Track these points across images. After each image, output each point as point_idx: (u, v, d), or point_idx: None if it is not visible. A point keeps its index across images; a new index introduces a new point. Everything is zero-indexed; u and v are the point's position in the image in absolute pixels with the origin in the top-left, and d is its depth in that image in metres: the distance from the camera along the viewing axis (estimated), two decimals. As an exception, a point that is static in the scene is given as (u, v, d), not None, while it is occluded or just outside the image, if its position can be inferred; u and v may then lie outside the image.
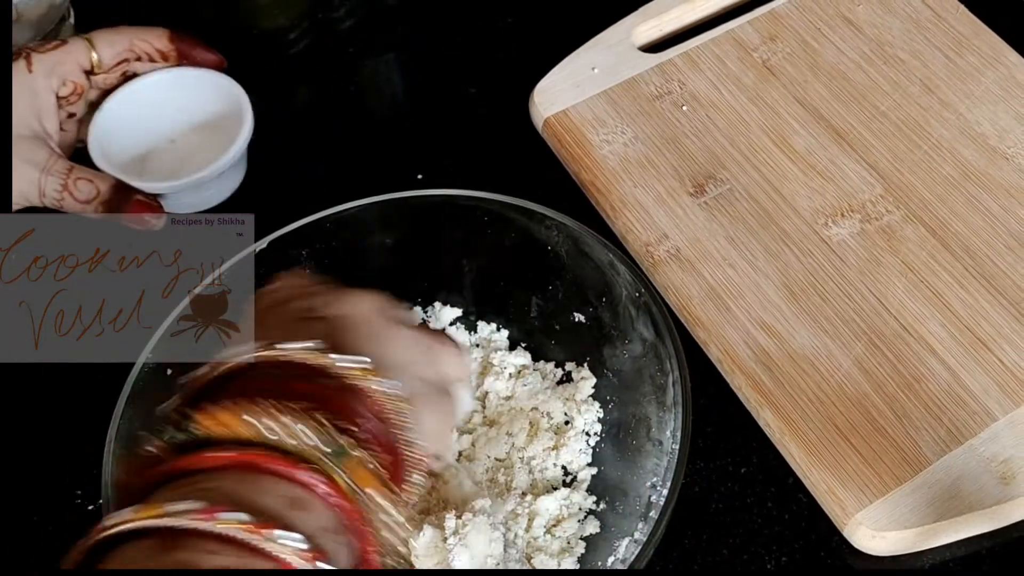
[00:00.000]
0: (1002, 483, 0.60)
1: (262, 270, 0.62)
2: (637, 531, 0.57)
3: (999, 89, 0.77)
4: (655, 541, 0.54)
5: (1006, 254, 0.69)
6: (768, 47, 0.81)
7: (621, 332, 0.63)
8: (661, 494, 0.56)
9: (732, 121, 0.77)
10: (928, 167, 0.73)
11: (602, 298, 0.64)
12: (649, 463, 0.59)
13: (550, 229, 0.64)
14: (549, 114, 0.78)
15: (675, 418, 0.58)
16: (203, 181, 0.72)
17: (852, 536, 0.60)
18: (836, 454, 0.62)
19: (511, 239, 0.66)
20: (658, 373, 0.60)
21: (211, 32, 0.87)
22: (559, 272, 0.65)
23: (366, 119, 0.85)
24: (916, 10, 0.82)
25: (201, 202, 0.75)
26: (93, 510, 0.64)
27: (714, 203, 0.73)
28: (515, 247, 0.66)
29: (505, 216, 0.65)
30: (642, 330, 0.61)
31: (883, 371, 0.64)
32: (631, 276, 0.61)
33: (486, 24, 0.89)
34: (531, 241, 0.65)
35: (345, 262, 0.65)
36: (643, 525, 0.57)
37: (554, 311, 0.67)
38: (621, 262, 0.62)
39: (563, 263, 0.65)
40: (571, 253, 0.64)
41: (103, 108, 0.75)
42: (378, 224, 0.66)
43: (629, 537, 0.57)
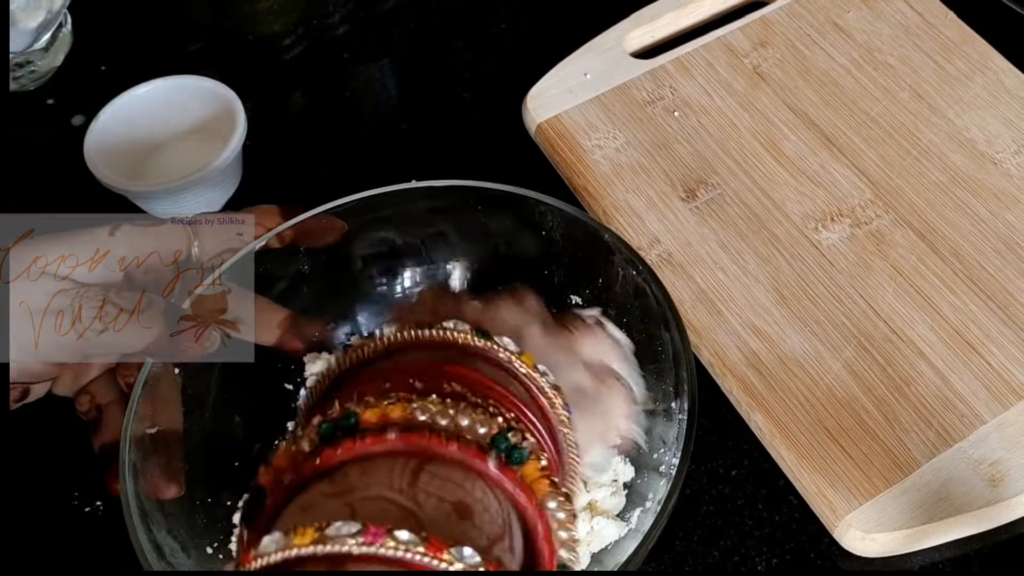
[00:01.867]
0: (991, 485, 0.60)
1: (262, 269, 0.63)
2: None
3: (988, 95, 0.78)
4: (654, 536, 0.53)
5: (994, 258, 0.69)
6: (759, 53, 0.81)
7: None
8: (672, 463, 0.55)
9: (723, 126, 0.77)
10: (917, 172, 0.74)
11: (598, 280, 0.63)
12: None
13: (544, 216, 0.63)
14: (542, 119, 0.78)
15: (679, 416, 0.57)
16: (199, 183, 0.73)
17: (842, 538, 0.60)
18: (826, 457, 0.62)
19: (505, 226, 0.66)
20: (659, 350, 0.59)
21: (208, 38, 0.87)
22: (558, 258, 0.65)
23: (361, 124, 0.85)
24: (906, 16, 0.83)
25: (198, 207, 0.75)
26: (90, 512, 0.65)
27: (705, 208, 0.73)
28: (510, 234, 0.66)
29: (499, 204, 0.64)
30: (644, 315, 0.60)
31: (873, 374, 0.65)
32: (630, 255, 0.60)
33: (480, 30, 0.90)
34: (526, 228, 0.65)
35: (339, 258, 0.65)
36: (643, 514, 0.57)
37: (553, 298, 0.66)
38: (621, 243, 0.61)
39: (560, 248, 0.64)
40: (567, 237, 0.63)
41: (100, 117, 0.76)
42: (376, 217, 0.65)
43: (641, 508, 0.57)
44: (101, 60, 0.89)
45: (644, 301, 0.60)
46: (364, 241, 0.66)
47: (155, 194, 0.73)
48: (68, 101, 0.86)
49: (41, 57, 0.85)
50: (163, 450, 0.57)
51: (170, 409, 0.59)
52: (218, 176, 0.74)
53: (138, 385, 0.57)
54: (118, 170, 0.74)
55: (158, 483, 0.56)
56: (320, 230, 0.63)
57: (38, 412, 0.63)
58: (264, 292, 0.63)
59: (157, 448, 0.57)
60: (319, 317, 0.65)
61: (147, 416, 0.57)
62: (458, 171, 0.79)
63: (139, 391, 0.57)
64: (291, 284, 0.65)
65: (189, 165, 0.74)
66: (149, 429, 0.57)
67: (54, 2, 0.82)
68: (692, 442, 0.54)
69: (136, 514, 0.53)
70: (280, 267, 0.64)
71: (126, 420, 0.56)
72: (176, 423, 0.59)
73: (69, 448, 0.67)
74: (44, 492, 0.66)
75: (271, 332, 0.63)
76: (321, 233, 0.63)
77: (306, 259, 0.65)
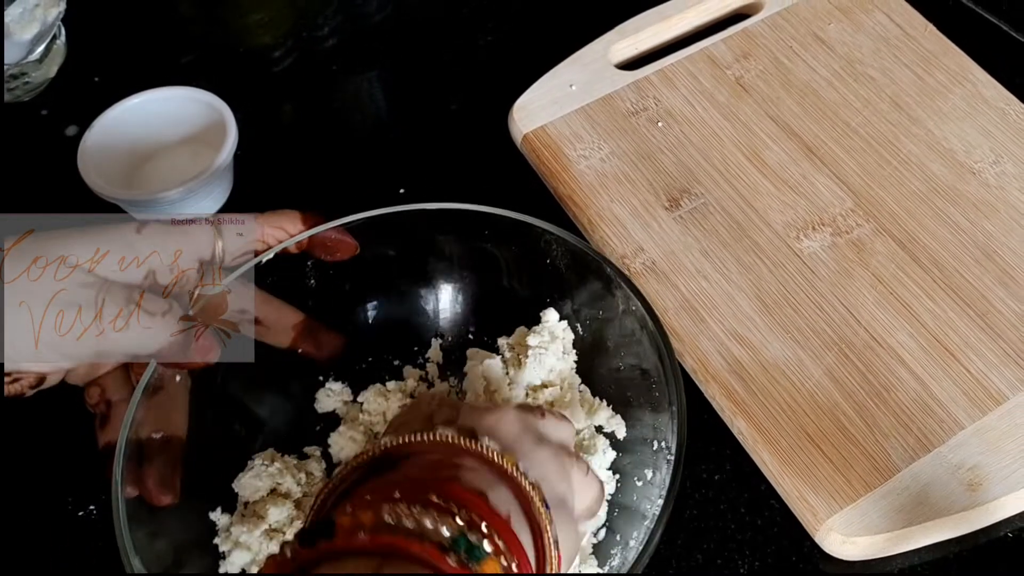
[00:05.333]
0: (969, 490, 0.61)
1: (267, 278, 0.64)
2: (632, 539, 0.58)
3: (966, 106, 0.78)
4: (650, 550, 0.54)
5: (973, 266, 0.70)
6: (741, 65, 0.82)
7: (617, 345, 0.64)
8: (656, 504, 0.57)
9: (706, 137, 0.78)
10: (897, 182, 0.75)
11: (599, 312, 0.65)
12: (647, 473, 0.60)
13: (549, 244, 0.65)
14: (528, 130, 0.79)
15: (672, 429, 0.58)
16: (190, 193, 0.73)
17: (823, 541, 0.61)
18: (808, 461, 0.62)
19: (511, 253, 0.67)
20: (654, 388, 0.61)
21: (199, 50, 0.88)
22: (559, 286, 0.67)
23: (350, 135, 0.86)
24: (886, 29, 0.84)
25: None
26: (83, 516, 0.65)
27: (689, 217, 0.74)
28: (515, 262, 0.67)
29: (506, 230, 0.66)
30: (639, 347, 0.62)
31: (853, 380, 0.65)
32: (630, 291, 0.62)
33: (467, 42, 0.91)
34: (531, 255, 0.66)
35: (347, 270, 0.66)
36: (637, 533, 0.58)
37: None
38: (622, 280, 0.62)
39: (562, 277, 0.66)
40: (570, 267, 0.65)
41: (93, 127, 0.77)
42: (381, 236, 0.66)
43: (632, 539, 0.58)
44: (94, 72, 0.89)
45: (640, 338, 0.61)
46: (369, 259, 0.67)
47: (147, 203, 0.73)
48: (62, 112, 0.86)
49: (35, 69, 0.85)
50: (163, 456, 0.58)
51: (176, 414, 0.60)
52: (209, 185, 0.75)
53: (138, 390, 0.58)
54: (111, 179, 0.75)
55: (154, 490, 0.57)
56: (336, 245, 0.65)
57: (34, 415, 0.63)
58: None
59: (157, 454, 0.58)
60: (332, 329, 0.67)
61: (148, 421, 0.58)
62: (445, 181, 0.80)
63: (139, 396, 0.57)
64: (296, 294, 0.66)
65: (181, 175, 0.75)
66: (154, 434, 0.58)
67: (48, 15, 0.82)
68: (676, 487, 0.55)
69: (124, 519, 0.54)
70: (289, 275, 0.65)
71: (123, 425, 0.56)
72: (181, 429, 0.60)
73: (63, 452, 0.67)
74: (37, 496, 0.66)
75: (286, 334, 0.64)
76: (336, 248, 0.65)
77: (313, 272, 0.66)
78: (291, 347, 0.64)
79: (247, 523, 0.60)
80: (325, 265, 0.66)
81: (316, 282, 0.66)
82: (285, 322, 0.64)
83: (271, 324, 0.64)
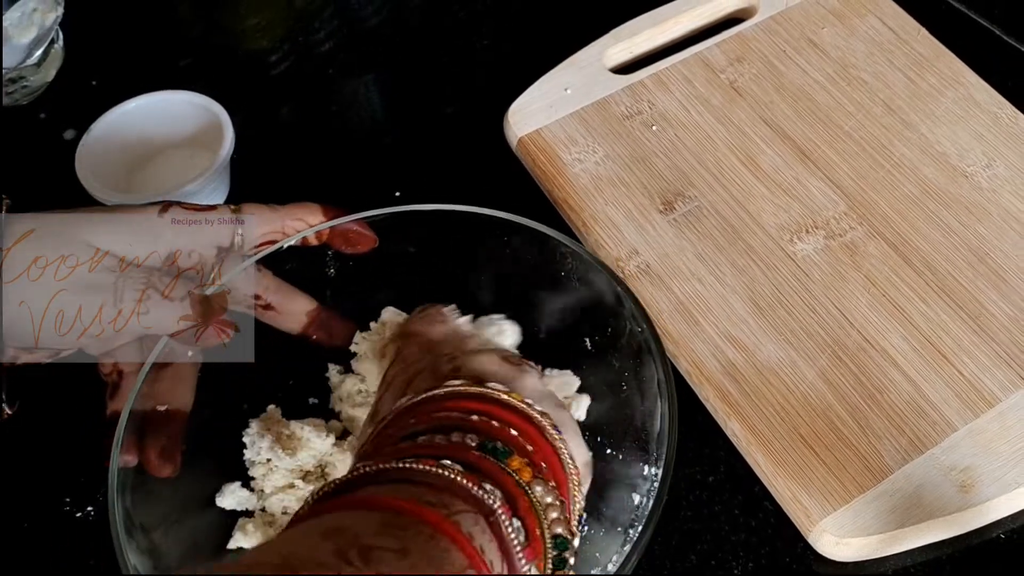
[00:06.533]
0: (961, 491, 0.61)
1: (284, 265, 0.64)
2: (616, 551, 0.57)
3: (959, 109, 0.79)
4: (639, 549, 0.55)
5: (966, 269, 0.70)
6: (735, 69, 0.83)
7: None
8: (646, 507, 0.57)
9: (700, 140, 0.78)
10: (890, 185, 0.75)
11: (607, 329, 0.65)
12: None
13: (564, 257, 0.64)
14: (523, 133, 0.79)
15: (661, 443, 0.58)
16: (188, 194, 0.74)
17: (817, 542, 0.61)
18: (801, 463, 0.63)
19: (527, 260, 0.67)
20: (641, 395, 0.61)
21: (197, 54, 0.88)
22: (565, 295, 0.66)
23: (346, 138, 0.86)
24: (879, 33, 0.84)
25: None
26: (81, 517, 0.65)
27: (683, 220, 0.74)
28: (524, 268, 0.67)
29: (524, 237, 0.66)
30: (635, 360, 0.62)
31: (846, 383, 0.66)
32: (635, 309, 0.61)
33: (462, 46, 0.91)
34: (543, 264, 0.66)
35: (359, 267, 0.67)
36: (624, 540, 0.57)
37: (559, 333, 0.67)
38: (627, 293, 0.62)
39: (571, 288, 0.66)
40: (581, 279, 0.65)
41: (91, 131, 0.77)
42: (395, 234, 0.67)
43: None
44: (92, 75, 0.90)
45: (643, 361, 0.61)
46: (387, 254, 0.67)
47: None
48: (60, 115, 0.86)
49: (33, 72, 0.85)
50: (166, 428, 0.59)
51: (183, 388, 0.61)
52: (206, 188, 0.75)
53: (148, 363, 0.58)
54: (108, 182, 0.75)
55: (154, 460, 0.58)
56: (356, 237, 0.66)
57: (32, 418, 0.64)
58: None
59: (161, 426, 0.59)
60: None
61: (154, 394, 0.59)
62: (441, 185, 0.80)
63: (147, 369, 0.58)
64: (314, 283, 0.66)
65: (178, 177, 0.75)
66: (159, 407, 0.59)
67: (46, 19, 0.82)
68: (659, 512, 0.55)
69: (117, 488, 0.55)
70: (309, 266, 0.66)
71: (130, 395, 0.57)
72: (186, 404, 0.61)
73: (61, 454, 0.67)
74: (36, 497, 0.66)
75: (298, 320, 0.65)
76: (356, 240, 0.66)
77: (333, 262, 0.67)
78: (303, 334, 0.65)
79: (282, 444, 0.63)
80: (343, 257, 0.66)
81: (335, 272, 0.67)
82: (298, 309, 0.65)
83: (284, 310, 0.65)
